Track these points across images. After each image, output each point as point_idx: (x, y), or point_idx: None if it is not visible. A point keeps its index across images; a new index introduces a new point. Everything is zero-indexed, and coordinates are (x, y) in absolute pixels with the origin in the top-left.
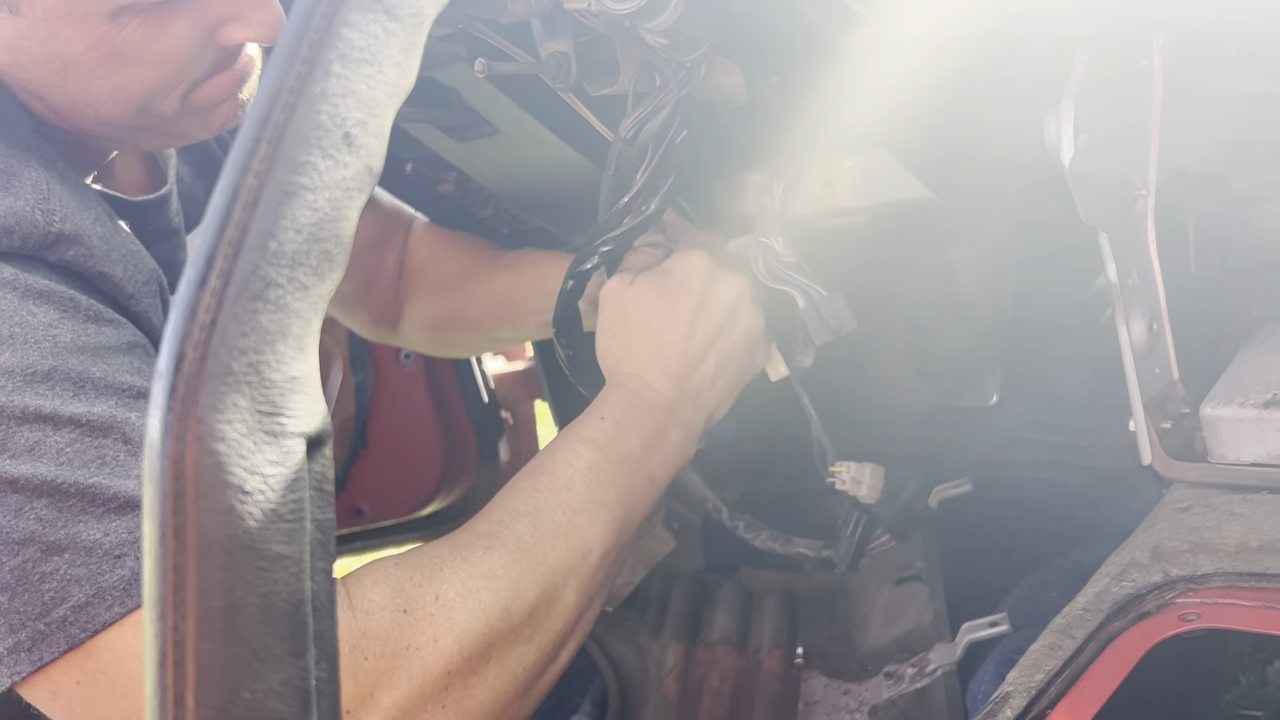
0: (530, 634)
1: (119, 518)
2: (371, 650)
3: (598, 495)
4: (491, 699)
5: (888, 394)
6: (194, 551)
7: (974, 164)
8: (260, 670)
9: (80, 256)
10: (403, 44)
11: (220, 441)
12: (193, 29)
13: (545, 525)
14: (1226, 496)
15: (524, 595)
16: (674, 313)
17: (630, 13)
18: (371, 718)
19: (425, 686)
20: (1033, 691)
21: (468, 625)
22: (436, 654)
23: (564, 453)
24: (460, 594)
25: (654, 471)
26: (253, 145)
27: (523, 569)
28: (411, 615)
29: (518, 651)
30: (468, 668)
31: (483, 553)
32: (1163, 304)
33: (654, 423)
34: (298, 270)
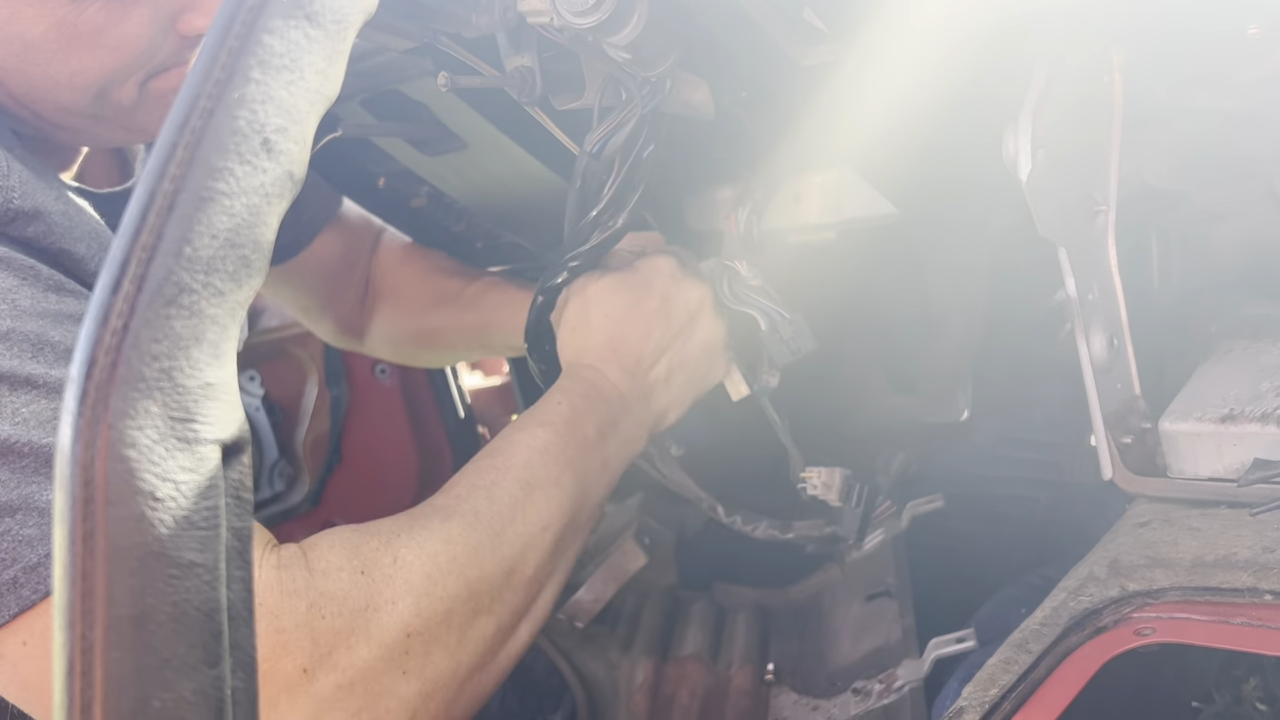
0: (489, 604)
1: None
2: (329, 609)
3: (554, 474)
4: (452, 667)
5: (860, 409)
6: (103, 558)
7: (939, 180)
8: (171, 679)
9: (40, 233)
10: (325, 51)
11: (131, 448)
12: (154, 15)
13: (502, 499)
14: (1185, 511)
15: (482, 564)
16: (635, 309)
17: (592, 27)
18: (330, 677)
19: (384, 648)
20: (986, 706)
21: (426, 589)
22: (395, 615)
23: (521, 434)
24: (418, 557)
25: (608, 457)
26: (169, 150)
27: (480, 539)
28: (369, 576)
29: (478, 621)
30: (427, 632)
31: (440, 522)
32: (1124, 319)
33: (608, 411)
34: (213, 276)
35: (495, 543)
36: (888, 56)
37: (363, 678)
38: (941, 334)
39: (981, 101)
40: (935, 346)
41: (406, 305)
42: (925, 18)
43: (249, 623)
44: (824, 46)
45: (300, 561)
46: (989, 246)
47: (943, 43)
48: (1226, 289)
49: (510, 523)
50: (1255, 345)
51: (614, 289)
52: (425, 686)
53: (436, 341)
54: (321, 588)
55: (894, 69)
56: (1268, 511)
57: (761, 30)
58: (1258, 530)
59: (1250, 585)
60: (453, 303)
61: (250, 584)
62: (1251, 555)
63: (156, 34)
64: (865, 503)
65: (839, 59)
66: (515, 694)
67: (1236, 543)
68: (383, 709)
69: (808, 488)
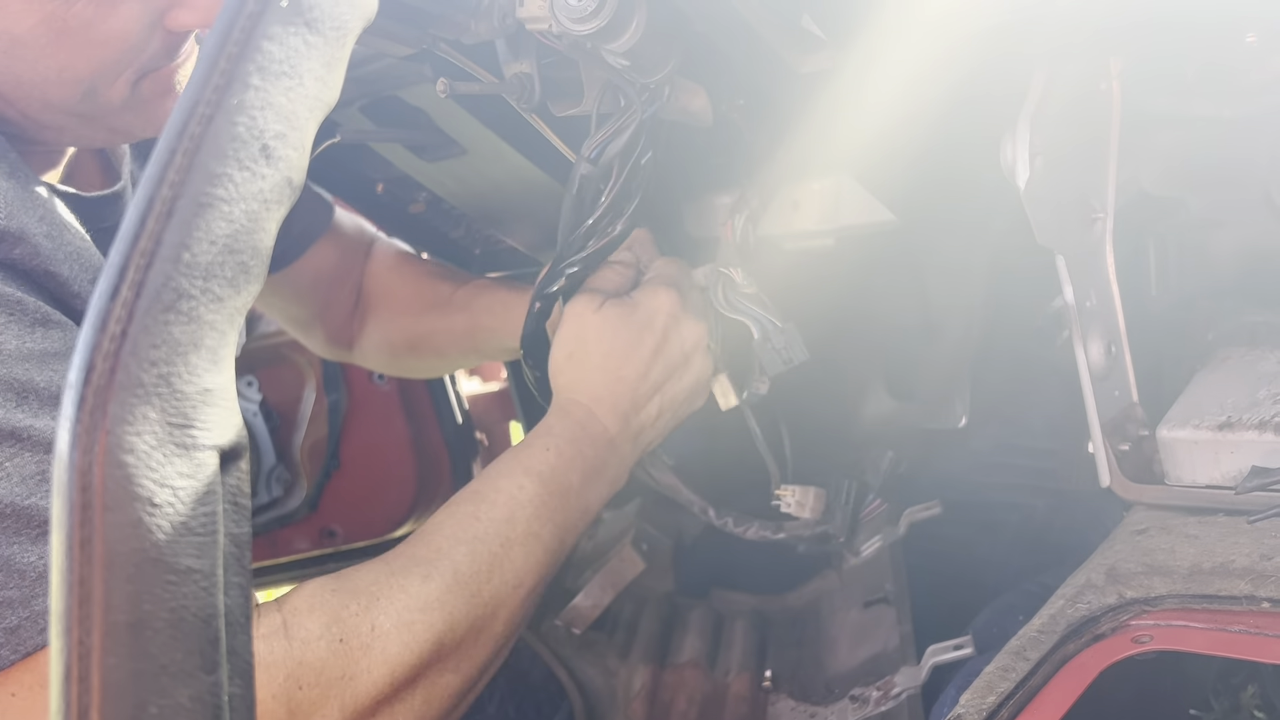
0: (457, 664)
1: None
2: (306, 680)
3: (535, 528)
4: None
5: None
6: (100, 564)
7: (937, 187)
8: (168, 685)
9: (25, 255)
10: (324, 58)
11: (129, 453)
12: (142, 11)
13: (482, 556)
14: (1182, 519)
15: (456, 628)
16: (635, 349)
17: (591, 34)
18: None
19: (355, 714)
20: (984, 713)
21: (401, 658)
22: (369, 684)
23: (506, 482)
24: (396, 626)
25: (589, 504)
26: (168, 156)
27: (457, 601)
28: (347, 645)
29: (444, 680)
30: (396, 696)
31: (420, 582)
32: (1121, 326)
33: (596, 457)
34: (212, 282)
35: (470, 604)
36: (886, 63)
37: None
38: (939, 341)
39: (980, 108)
40: (933, 353)
41: (397, 312)
42: (923, 25)
43: (246, 629)
44: (822, 54)
45: (279, 631)
46: (987, 253)
47: (941, 50)
48: (1224, 296)
49: (487, 582)
50: (1253, 352)
51: (616, 324)
52: None
53: (427, 347)
54: (300, 657)
55: (892, 76)
56: (1265, 519)
57: (760, 37)
58: (1255, 538)
59: (1248, 593)
60: (442, 307)
61: (248, 590)
62: (1249, 563)
63: (145, 29)
64: (855, 501)
65: (837, 66)
66: (512, 701)
67: (1234, 550)
68: None
69: (782, 505)
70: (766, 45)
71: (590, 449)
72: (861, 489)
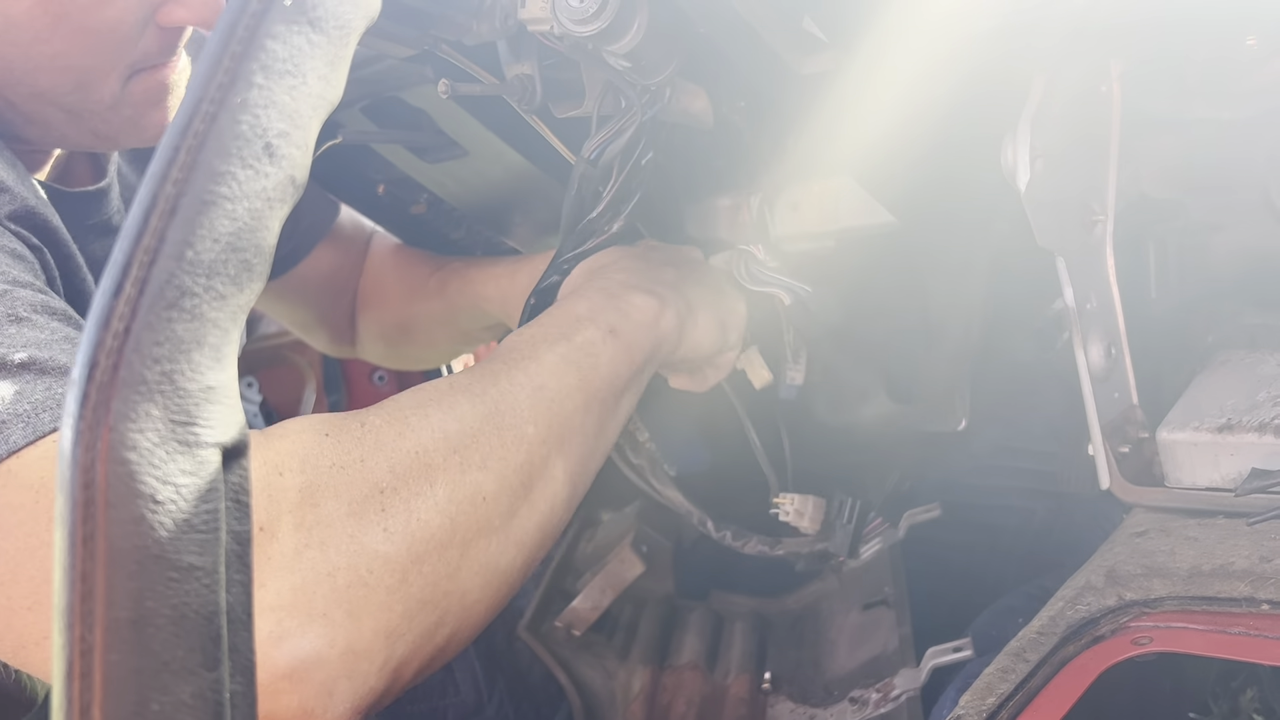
0: (482, 459)
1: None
2: (289, 466)
3: (540, 348)
4: (446, 525)
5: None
6: (103, 561)
7: (938, 189)
8: (170, 682)
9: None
10: (328, 56)
11: (132, 450)
12: (137, 4)
13: (484, 371)
14: (1182, 521)
15: (462, 420)
16: (643, 260)
17: (592, 35)
18: (295, 536)
19: (355, 504)
20: (984, 714)
21: (397, 444)
22: (364, 471)
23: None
24: (388, 419)
25: (613, 324)
26: (172, 154)
27: (458, 399)
28: (334, 439)
29: (469, 477)
30: (406, 488)
31: (413, 392)
32: (1121, 329)
33: (604, 289)
34: (215, 279)
35: (476, 401)
36: (887, 65)
37: (334, 536)
38: (939, 343)
39: (980, 110)
40: (933, 356)
41: (387, 302)
42: (925, 26)
43: (248, 626)
44: (823, 55)
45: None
46: (987, 255)
47: (942, 51)
48: (1224, 299)
49: (493, 384)
50: (1252, 355)
51: (616, 255)
52: (414, 546)
53: (416, 336)
54: (280, 447)
55: (893, 78)
56: (1265, 521)
57: (761, 39)
58: (1255, 540)
59: (1247, 595)
60: (419, 292)
61: (250, 588)
62: (1249, 565)
63: (138, 22)
64: (857, 519)
65: (839, 67)
66: (511, 702)
67: (1234, 552)
68: (364, 569)
69: (780, 514)
70: (768, 47)
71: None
72: (864, 507)
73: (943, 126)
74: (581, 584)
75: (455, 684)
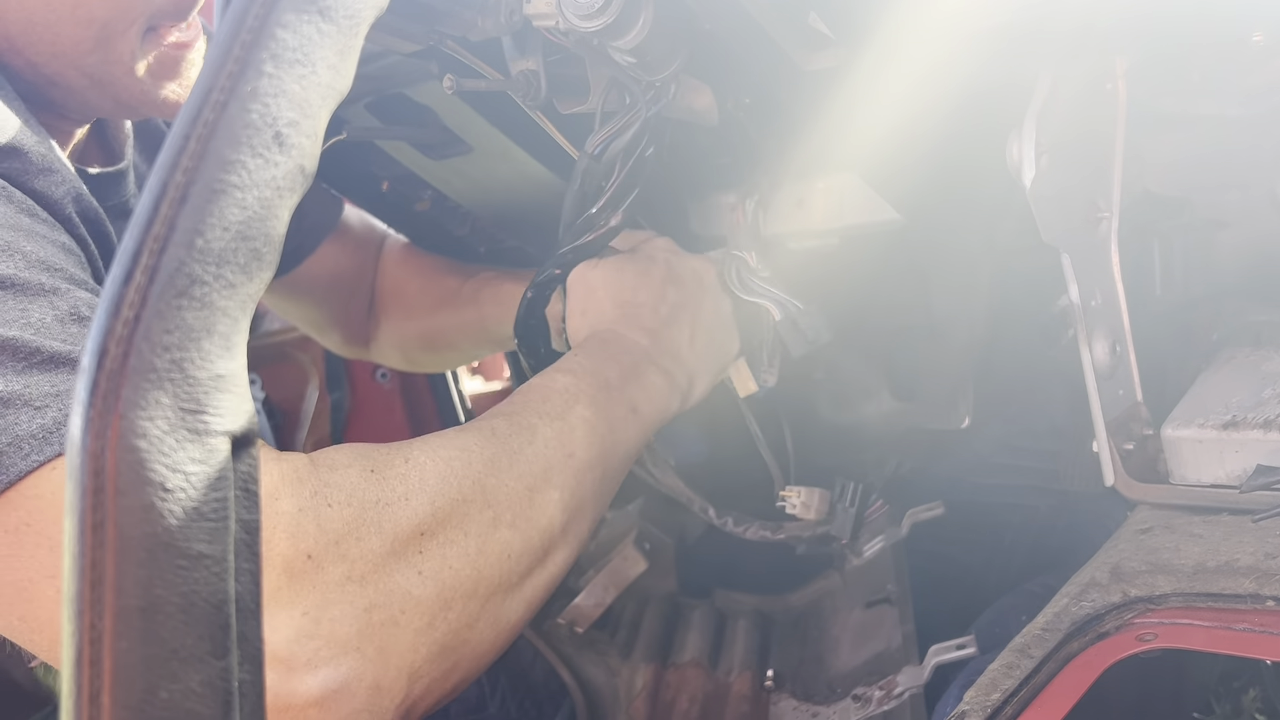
0: (511, 519)
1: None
2: (336, 499)
3: (576, 409)
4: (473, 576)
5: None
6: (112, 548)
7: (943, 186)
8: (179, 670)
9: (15, 170)
10: (338, 46)
11: (141, 438)
12: None
13: (521, 424)
14: (1187, 518)
15: (499, 474)
16: (643, 278)
17: (597, 31)
18: (338, 568)
19: (396, 543)
20: (989, 710)
21: (440, 489)
22: (408, 511)
23: (539, 379)
24: (432, 460)
25: (635, 402)
26: (182, 143)
27: (497, 451)
28: (380, 475)
29: (499, 534)
30: (443, 534)
31: (456, 434)
32: (1126, 326)
33: (631, 361)
34: (225, 268)
35: (513, 459)
36: (893, 62)
37: (374, 572)
38: (944, 341)
39: (986, 107)
40: (937, 353)
41: (410, 308)
42: (931, 23)
43: (257, 615)
44: (829, 52)
45: (305, 459)
46: (992, 252)
47: (948, 48)
48: (1229, 296)
49: (530, 443)
50: (1257, 352)
51: (617, 265)
52: (443, 592)
53: (440, 342)
54: (327, 479)
55: (899, 74)
56: (1270, 518)
57: (766, 35)
58: (1260, 537)
59: (1252, 591)
60: (451, 302)
61: (258, 577)
62: (1254, 561)
63: None
64: (859, 503)
65: (844, 64)
66: (514, 698)
67: (1239, 549)
68: (396, 609)
69: (787, 506)
70: (773, 43)
71: (623, 354)
72: (866, 490)
73: (948, 123)
74: (584, 581)
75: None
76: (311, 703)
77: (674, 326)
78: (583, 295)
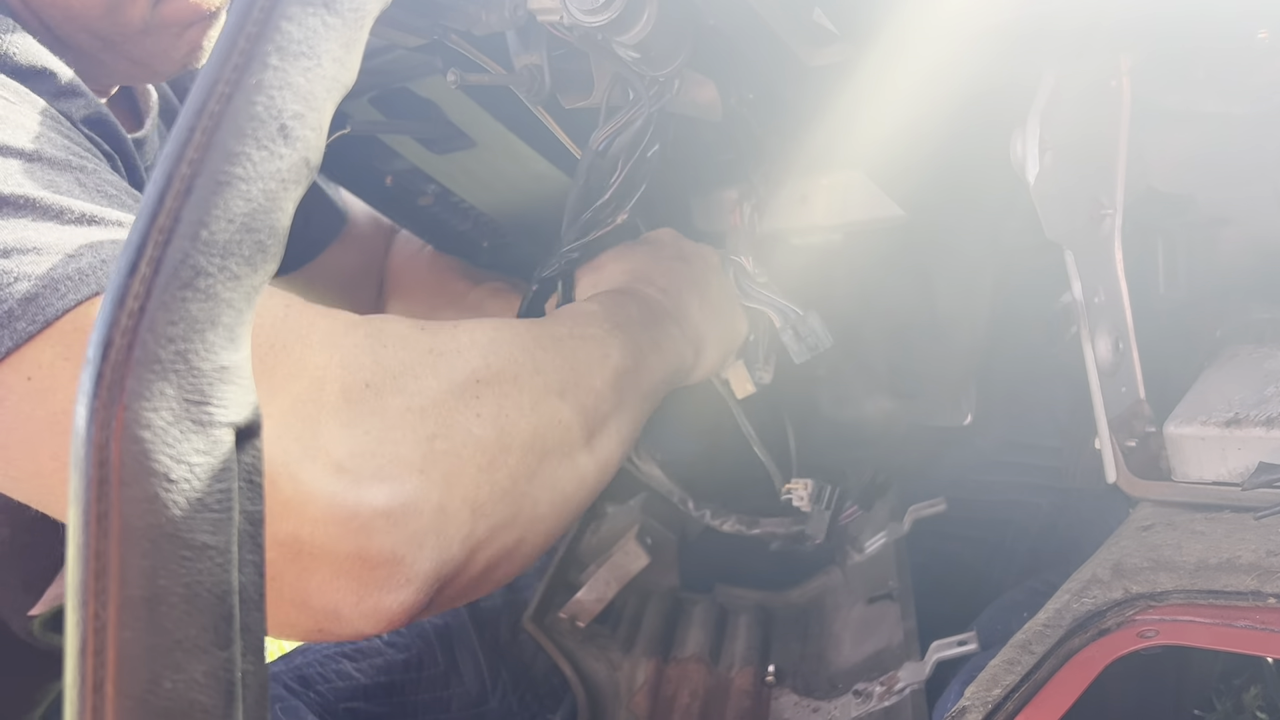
0: (560, 389)
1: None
2: (390, 341)
3: (605, 327)
4: (530, 430)
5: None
6: (116, 539)
7: (947, 183)
8: (182, 660)
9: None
10: (342, 39)
11: (146, 429)
12: None
13: (553, 327)
14: (1189, 515)
15: (545, 349)
16: (652, 253)
17: (602, 25)
18: (398, 399)
19: (454, 385)
20: (989, 706)
21: (490, 348)
22: (462, 361)
23: (567, 307)
24: (480, 328)
25: (657, 339)
26: (187, 135)
27: (538, 335)
28: (429, 332)
29: (550, 400)
30: (498, 385)
31: (494, 321)
32: (1129, 323)
33: (648, 308)
34: (229, 260)
35: (558, 344)
36: (897, 58)
37: (434, 406)
38: (947, 338)
39: (990, 104)
40: (940, 350)
41: (413, 305)
42: (935, 20)
43: (260, 606)
44: (833, 47)
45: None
46: (996, 249)
47: (953, 44)
48: (1232, 293)
49: (567, 340)
50: (1260, 350)
51: (627, 248)
52: (502, 437)
53: None
54: (381, 326)
55: (903, 70)
56: (1272, 515)
57: (771, 30)
58: (1262, 534)
59: (1254, 588)
60: (458, 304)
61: (262, 568)
62: (1255, 559)
63: None
64: (834, 506)
65: (848, 60)
66: (516, 693)
67: (1240, 546)
68: (459, 442)
69: (793, 499)
70: (777, 39)
71: (640, 303)
72: (842, 494)
73: (953, 121)
74: (586, 576)
75: (459, 674)
76: (379, 513)
77: (685, 292)
78: (589, 281)
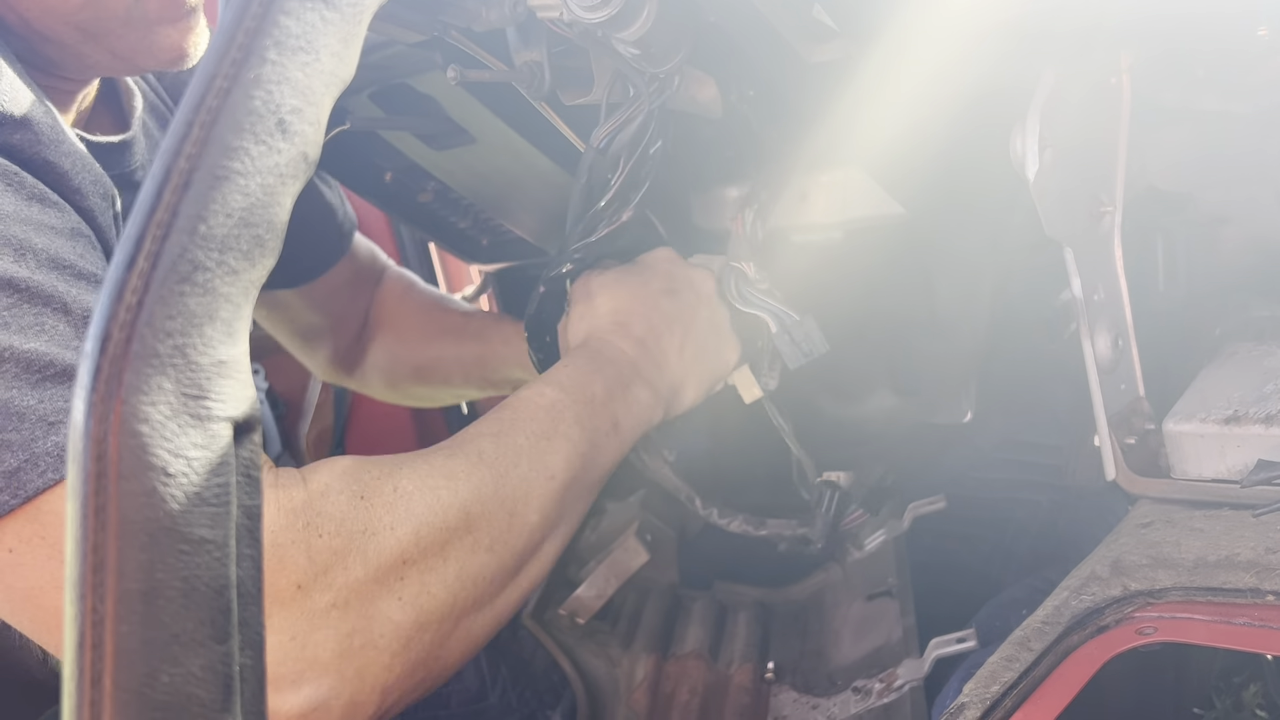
0: (490, 543)
1: (56, 386)
2: (326, 529)
3: (561, 428)
4: (449, 600)
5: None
6: (114, 533)
7: (947, 181)
8: (180, 654)
9: (26, 141)
10: (341, 33)
11: (144, 423)
12: None
13: (507, 445)
14: (1188, 512)
15: (484, 501)
16: (641, 287)
17: (602, 22)
18: (324, 596)
19: (380, 571)
20: (988, 703)
21: (425, 518)
22: (393, 540)
23: (528, 391)
24: (419, 489)
25: (618, 418)
26: (185, 129)
27: (483, 477)
28: (368, 502)
29: (477, 559)
30: (424, 562)
31: (444, 458)
32: (1129, 320)
33: (617, 374)
34: (227, 254)
35: (498, 483)
36: (898, 54)
37: (357, 599)
38: (947, 336)
39: (990, 101)
40: (940, 347)
41: (405, 337)
42: (936, 17)
43: (258, 600)
44: (833, 44)
45: (298, 482)
46: (996, 247)
47: (953, 41)
48: (1232, 291)
49: (515, 466)
50: (1260, 347)
51: (618, 274)
52: (420, 617)
53: (434, 375)
54: (319, 508)
55: (904, 67)
56: (1271, 512)
57: (771, 27)
58: (1261, 531)
59: (1253, 586)
60: (453, 335)
61: (259, 562)
62: (1254, 556)
63: None
64: (836, 510)
65: (848, 56)
66: (515, 689)
67: (1239, 544)
68: (375, 633)
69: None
70: (777, 35)
71: (610, 367)
72: (844, 498)
73: (953, 118)
74: (585, 572)
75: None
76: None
77: (665, 336)
78: (582, 301)
